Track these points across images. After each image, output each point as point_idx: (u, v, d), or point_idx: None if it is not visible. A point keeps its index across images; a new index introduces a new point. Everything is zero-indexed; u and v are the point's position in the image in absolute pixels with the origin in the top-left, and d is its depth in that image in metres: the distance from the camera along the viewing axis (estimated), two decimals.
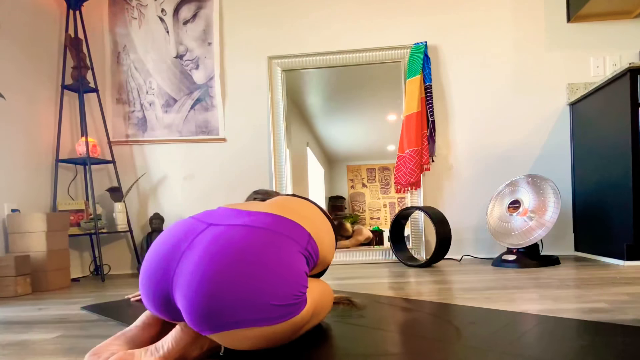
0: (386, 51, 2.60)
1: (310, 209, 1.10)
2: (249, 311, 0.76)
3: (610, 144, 2.07)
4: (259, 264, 0.79)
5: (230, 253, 0.79)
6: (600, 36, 2.49)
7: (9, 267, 1.95)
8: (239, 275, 0.77)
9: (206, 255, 0.79)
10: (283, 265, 0.81)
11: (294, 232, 0.91)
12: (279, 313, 0.79)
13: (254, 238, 0.83)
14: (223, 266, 0.77)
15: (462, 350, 0.86)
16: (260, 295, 0.77)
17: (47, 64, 2.56)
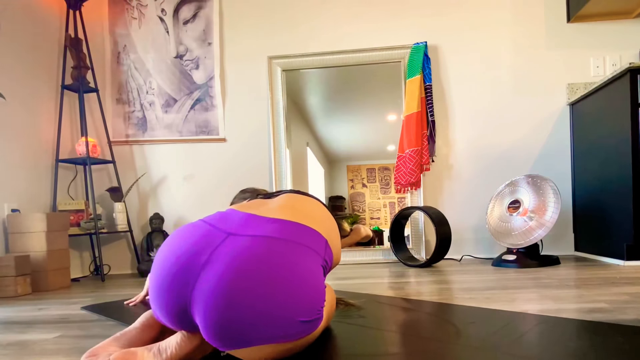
0: (386, 51, 2.60)
1: (320, 210, 1.08)
2: (271, 329, 0.75)
3: (610, 144, 2.07)
4: (282, 280, 0.76)
5: (253, 269, 0.76)
6: (600, 36, 2.49)
7: (9, 267, 1.95)
8: (262, 293, 0.74)
9: (228, 272, 0.75)
10: (306, 281, 0.80)
11: (314, 241, 0.90)
12: (300, 329, 0.78)
13: (277, 252, 0.80)
14: (246, 283, 0.74)
15: (462, 350, 0.86)
16: (283, 312, 0.75)
17: (47, 64, 2.56)
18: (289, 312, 0.75)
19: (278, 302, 0.75)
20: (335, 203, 2.66)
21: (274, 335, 0.75)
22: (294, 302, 0.76)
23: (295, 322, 0.76)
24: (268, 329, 0.74)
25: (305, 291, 0.78)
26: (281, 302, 0.75)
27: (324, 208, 1.13)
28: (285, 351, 0.80)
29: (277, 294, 0.75)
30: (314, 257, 0.86)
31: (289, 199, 1.07)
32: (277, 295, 0.75)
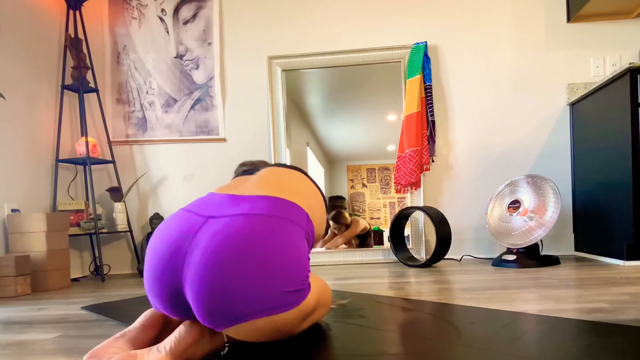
0: (386, 51, 2.60)
1: (301, 182, 1.08)
2: (259, 301, 0.77)
3: (610, 144, 2.07)
4: (265, 254, 0.79)
5: (235, 246, 0.78)
6: (600, 36, 2.49)
7: (9, 267, 1.95)
8: (246, 268, 0.77)
9: (211, 253, 0.78)
10: (289, 252, 0.82)
11: (294, 213, 0.91)
12: (288, 300, 0.80)
13: (256, 227, 0.82)
14: (229, 261, 0.77)
15: (462, 350, 0.86)
16: (270, 284, 0.77)
17: (47, 64, 2.56)
18: (273, 283, 0.77)
19: (261, 274, 0.77)
20: (335, 203, 2.66)
21: (263, 307, 0.77)
22: (276, 273, 0.78)
23: (281, 292, 0.78)
24: (255, 302, 0.76)
25: (287, 262, 0.80)
26: (264, 274, 0.77)
27: (307, 181, 1.12)
28: (280, 327, 0.82)
29: (259, 267, 0.77)
30: (294, 229, 0.88)
31: (269, 174, 1.07)
32: (259, 268, 0.77)
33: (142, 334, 0.90)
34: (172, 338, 0.83)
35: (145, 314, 0.95)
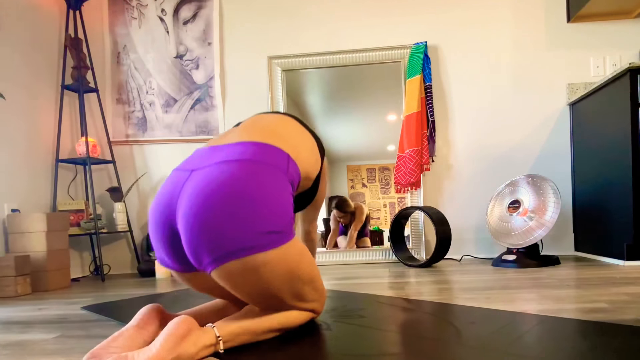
0: (386, 51, 2.60)
1: (284, 125, 1.10)
2: (238, 239, 0.83)
3: (610, 143, 2.07)
4: (245, 195, 0.84)
5: (215, 190, 0.85)
6: (600, 36, 2.49)
7: (9, 267, 1.95)
8: (224, 209, 0.83)
9: (194, 200, 0.85)
10: (265, 193, 0.87)
11: (272, 156, 0.94)
12: (269, 239, 0.85)
13: (235, 171, 0.87)
14: (211, 204, 0.83)
15: (462, 350, 0.86)
16: (247, 223, 0.83)
17: (47, 64, 2.56)
18: (250, 222, 0.83)
19: (243, 214, 0.83)
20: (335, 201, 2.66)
21: (242, 245, 0.83)
22: (253, 213, 0.84)
23: (259, 232, 0.84)
24: (234, 239, 0.83)
25: (268, 203, 0.86)
26: (246, 213, 0.83)
27: (291, 122, 1.14)
28: (267, 276, 0.87)
29: (240, 207, 0.83)
30: (273, 171, 0.92)
31: (252, 120, 1.11)
32: (240, 209, 0.83)
33: (140, 331, 0.90)
34: (162, 335, 0.82)
35: (142, 310, 0.95)
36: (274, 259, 0.87)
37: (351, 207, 2.60)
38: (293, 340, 0.99)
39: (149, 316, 0.93)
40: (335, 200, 2.62)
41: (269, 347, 0.94)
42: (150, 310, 0.95)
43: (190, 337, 0.84)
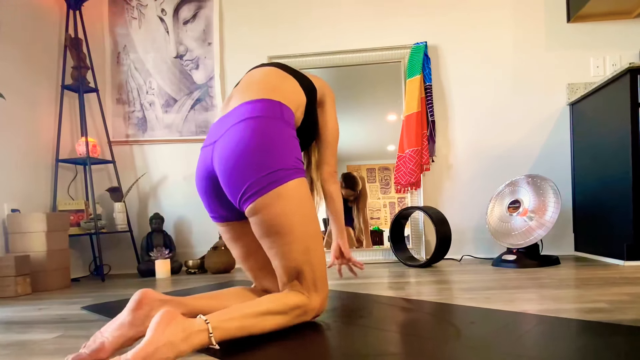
0: (386, 51, 2.60)
1: (268, 75, 1.22)
2: (262, 178, 1.02)
3: (610, 144, 2.07)
4: (256, 146, 1.04)
5: (233, 150, 1.05)
6: (600, 36, 2.49)
7: (9, 267, 1.95)
8: (246, 161, 1.03)
9: (223, 164, 1.07)
10: (271, 139, 1.05)
11: (268, 109, 1.10)
12: (284, 174, 1.04)
13: (243, 130, 1.06)
14: (233, 162, 1.05)
15: (462, 350, 0.86)
16: (266, 166, 1.03)
17: (47, 64, 2.57)
18: (267, 165, 1.03)
19: (256, 162, 1.03)
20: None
21: (265, 183, 1.03)
22: (267, 157, 1.03)
23: (276, 170, 1.03)
24: (257, 180, 1.03)
25: (272, 147, 1.05)
26: (258, 161, 1.03)
27: (275, 72, 1.24)
28: (287, 208, 1.03)
29: (254, 157, 1.03)
30: (272, 122, 1.08)
31: (244, 82, 1.23)
32: (254, 158, 1.03)
33: (135, 314, 0.93)
34: (150, 326, 0.82)
35: (135, 295, 0.97)
36: (290, 189, 1.04)
37: (359, 184, 2.58)
38: (293, 340, 0.99)
39: (138, 301, 0.95)
40: (344, 174, 2.58)
41: (269, 347, 0.94)
42: (142, 293, 0.97)
43: (177, 324, 0.84)
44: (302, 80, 1.27)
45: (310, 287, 1.09)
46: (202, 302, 1.06)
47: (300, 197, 1.07)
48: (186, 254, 2.76)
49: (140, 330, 0.93)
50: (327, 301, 1.21)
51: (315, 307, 1.10)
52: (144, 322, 0.93)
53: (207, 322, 0.88)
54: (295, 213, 1.05)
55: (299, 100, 1.22)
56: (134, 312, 0.93)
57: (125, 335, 0.91)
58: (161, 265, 2.42)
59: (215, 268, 2.44)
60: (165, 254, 2.52)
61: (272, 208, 1.03)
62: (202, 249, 2.75)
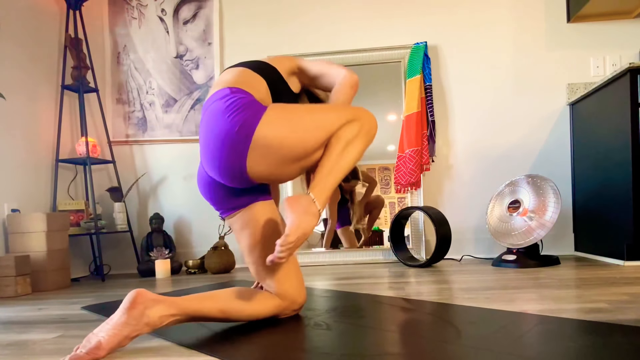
0: (386, 51, 2.60)
1: (237, 73, 1.23)
2: (237, 137, 1.04)
3: (610, 143, 2.07)
4: (223, 113, 1.08)
5: (214, 127, 1.09)
6: (600, 36, 2.49)
7: (9, 267, 1.95)
8: (223, 136, 1.06)
9: (210, 144, 1.11)
10: (232, 100, 1.09)
11: (236, 91, 1.12)
12: (248, 116, 1.05)
13: (218, 107, 1.10)
14: (213, 137, 1.08)
15: (462, 350, 0.86)
16: (239, 125, 1.05)
17: (47, 64, 2.57)
18: (239, 124, 1.05)
19: (234, 129, 1.05)
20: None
21: (241, 137, 1.04)
22: (235, 117, 1.05)
23: (242, 120, 1.05)
24: (237, 138, 1.04)
25: (234, 105, 1.07)
26: (233, 123, 1.05)
27: (239, 70, 1.26)
28: (282, 146, 1.04)
29: (229, 127, 1.06)
30: (237, 94, 1.11)
31: (219, 79, 1.25)
32: (230, 128, 1.06)
33: (129, 313, 0.95)
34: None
35: (128, 295, 0.98)
36: (267, 123, 1.04)
37: (359, 174, 2.60)
38: (293, 340, 0.99)
39: (132, 301, 0.96)
40: None
41: (269, 347, 0.94)
42: (137, 292, 0.98)
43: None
44: (258, 67, 1.30)
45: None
46: (196, 302, 1.06)
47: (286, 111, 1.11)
48: (186, 254, 2.76)
49: (135, 329, 0.95)
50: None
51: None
52: (139, 320, 0.95)
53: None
54: (290, 123, 1.09)
55: (257, 83, 1.24)
56: (128, 312, 0.95)
57: (121, 334, 0.93)
58: (161, 265, 2.42)
59: (215, 268, 2.44)
60: (165, 254, 2.52)
61: (270, 138, 1.06)
62: (202, 249, 2.75)
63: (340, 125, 1.08)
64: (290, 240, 0.99)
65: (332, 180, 1.06)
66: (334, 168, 1.06)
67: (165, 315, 0.99)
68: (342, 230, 2.62)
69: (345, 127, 1.09)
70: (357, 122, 1.10)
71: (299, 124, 1.06)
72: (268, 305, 1.15)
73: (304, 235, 1.01)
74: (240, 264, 2.71)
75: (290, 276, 1.20)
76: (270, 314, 1.16)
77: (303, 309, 1.32)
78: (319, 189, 1.05)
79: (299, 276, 1.23)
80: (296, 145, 1.05)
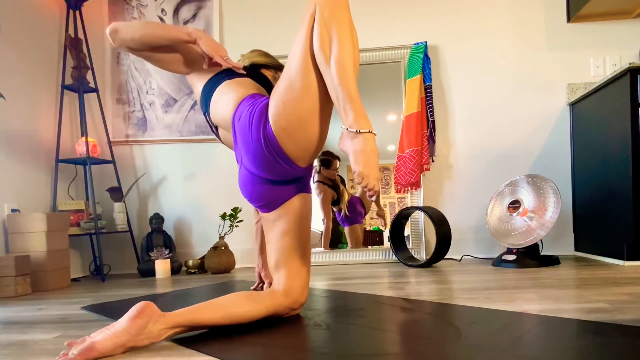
0: (386, 51, 2.60)
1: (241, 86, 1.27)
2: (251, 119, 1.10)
3: (610, 144, 2.07)
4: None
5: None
6: (600, 36, 2.49)
7: (9, 267, 1.95)
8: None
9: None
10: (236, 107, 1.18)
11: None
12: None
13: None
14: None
15: (462, 350, 0.86)
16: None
17: (47, 64, 2.56)
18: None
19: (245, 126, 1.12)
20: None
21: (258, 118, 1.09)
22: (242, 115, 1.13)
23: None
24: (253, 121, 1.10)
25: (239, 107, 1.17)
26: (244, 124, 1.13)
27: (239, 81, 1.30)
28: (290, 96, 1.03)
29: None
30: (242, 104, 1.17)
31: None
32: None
33: (134, 321, 0.94)
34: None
35: (135, 306, 0.97)
36: (272, 116, 1.06)
37: (333, 170, 2.62)
38: (293, 340, 0.99)
39: (138, 311, 0.96)
40: (323, 156, 2.62)
41: (267, 347, 0.94)
42: (145, 304, 0.97)
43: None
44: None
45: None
46: (195, 314, 1.04)
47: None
48: (186, 254, 2.76)
49: (132, 339, 0.94)
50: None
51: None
52: (139, 332, 0.94)
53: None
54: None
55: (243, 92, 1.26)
56: (132, 320, 0.94)
57: (118, 340, 0.93)
58: (161, 265, 2.42)
59: (215, 268, 2.44)
60: (165, 254, 2.52)
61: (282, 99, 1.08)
62: (202, 249, 2.75)
63: (305, 38, 0.98)
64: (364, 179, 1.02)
65: (352, 93, 0.94)
66: (342, 83, 0.94)
67: (165, 329, 0.99)
68: (349, 230, 2.63)
69: (313, 35, 0.98)
70: (314, 14, 0.98)
71: (285, 84, 1.04)
72: (268, 304, 1.15)
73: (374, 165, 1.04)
74: (240, 264, 2.71)
75: (302, 273, 1.22)
76: (271, 313, 1.16)
77: (303, 308, 1.32)
78: (354, 115, 0.95)
79: (308, 276, 1.25)
80: (298, 99, 1.02)
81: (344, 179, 2.67)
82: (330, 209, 2.63)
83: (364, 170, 0.99)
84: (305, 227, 1.22)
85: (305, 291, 1.23)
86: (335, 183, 2.63)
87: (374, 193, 1.00)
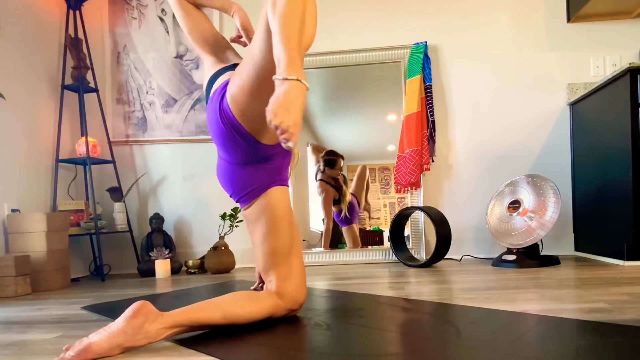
0: (386, 51, 2.60)
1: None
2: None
3: (610, 143, 2.07)
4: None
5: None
6: (600, 36, 2.49)
7: (9, 267, 1.95)
8: None
9: None
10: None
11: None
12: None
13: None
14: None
15: (462, 350, 0.86)
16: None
17: (47, 64, 2.56)
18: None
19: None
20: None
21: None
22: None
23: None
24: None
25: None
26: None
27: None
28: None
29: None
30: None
31: None
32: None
33: (127, 322, 0.94)
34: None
35: (132, 306, 0.97)
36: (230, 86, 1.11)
37: (338, 170, 2.62)
38: (293, 340, 0.99)
39: (135, 311, 0.96)
40: (326, 155, 2.61)
41: (267, 347, 0.94)
42: (142, 303, 0.97)
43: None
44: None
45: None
46: (195, 313, 1.04)
47: None
48: (186, 254, 2.76)
49: (130, 340, 0.94)
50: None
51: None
52: (137, 332, 0.94)
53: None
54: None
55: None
56: (128, 320, 0.94)
57: (114, 341, 0.92)
58: (161, 265, 2.42)
59: (215, 268, 2.44)
60: (165, 254, 2.52)
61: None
62: (202, 249, 2.75)
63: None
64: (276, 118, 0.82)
65: (291, 41, 0.87)
66: (282, 31, 0.87)
67: (163, 328, 0.98)
68: (347, 230, 2.63)
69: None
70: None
71: (245, 57, 1.10)
72: (267, 305, 1.15)
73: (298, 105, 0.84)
74: (240, 264, 2.71)
75: (295, 274, 1.20)
76: (270, 315, 1.16)
77: (303, 308, 1.32)
78: (286, 63, 0.85)
79: (303, 276, 1.23)
80: (250, 67, 1.06)
81: (346, 178, 2.67)
82: (331, 209, 2.62)
83: (279, 109, 0.81)
84: (286, 225, 1.20)
85: (302, 291, 1.21)
86: (338, 183, 2.62)
87: (289, 137, 0.81)
